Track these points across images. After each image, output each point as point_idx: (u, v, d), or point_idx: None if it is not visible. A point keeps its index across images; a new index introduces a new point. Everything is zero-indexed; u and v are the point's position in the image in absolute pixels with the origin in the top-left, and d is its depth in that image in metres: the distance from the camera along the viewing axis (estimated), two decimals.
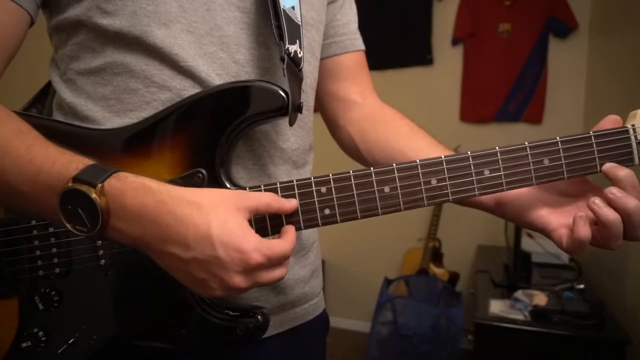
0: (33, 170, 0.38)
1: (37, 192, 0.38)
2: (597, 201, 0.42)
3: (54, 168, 0.38)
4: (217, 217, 0.37)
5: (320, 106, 0.66)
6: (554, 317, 1.35)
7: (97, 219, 0.37)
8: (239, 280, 0.37)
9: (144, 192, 0.37)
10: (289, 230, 0.42)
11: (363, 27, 0.67)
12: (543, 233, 0.47)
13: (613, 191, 0.42)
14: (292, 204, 0.42)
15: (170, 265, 0.38)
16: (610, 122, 0.46)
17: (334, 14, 0.62)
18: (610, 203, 0.42)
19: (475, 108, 2.23)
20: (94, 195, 0.36)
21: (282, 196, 0.43)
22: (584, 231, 0.42)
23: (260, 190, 0.43)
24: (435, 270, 2.14)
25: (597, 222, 0.43)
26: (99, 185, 0.37)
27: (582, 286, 1.51)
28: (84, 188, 0.36)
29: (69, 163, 0.38)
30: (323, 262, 2.50)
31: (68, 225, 0.38)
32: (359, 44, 0.65)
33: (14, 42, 0.45)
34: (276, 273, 0.39)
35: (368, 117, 0.62)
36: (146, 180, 0.38)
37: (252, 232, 0.38)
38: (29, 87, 0.57)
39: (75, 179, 0.37)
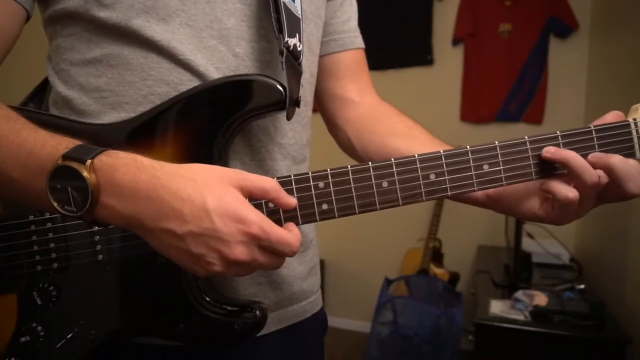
0: (23, 153, 0.38)
1: (27, 175, 0.38)
2: (550, 148, 0.43)
3: (43, 150, 0.37)
4: (212, 191, 0.36)
5: (319, 104, 0.65)
6: (554, 318, 1.35)
7: (86, 197, 0.36)
8: (239, 252, 0.36)
9: (137, 168, 0.36)
10: (292, 226, 0.40)
11: (363, 27, 0.67)
12: (538, 221, 0.48)
13: (595, 154, 0.43)
14: (291, 200, 0.40)
15: (165, 243, 0.37)
16: (612, 117, 0.46)
17: (334, 11, 0.62)
18: (594, 165, 0.43)
19: (476, 108, 2.23)
20: (84, 173, 0.35)
21: None
22: (564, 189, 0.43)
23: None
24: (435, 270, 2.14)
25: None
26: (89, 161, 0.36)
27: (582, 286, 1.50)
28: (74, 164, 0.36)
29: (58, 144, 0.38)
30: (323, 261, 2.50)
31: (56, 206, 0.37)
32: (359, 42, 0.65)
33: (8, 38, 0.44)
34: (273, 259, 0.38)
35: (364, 116, 0.62)
36: (138, 156, 0.37)
37: (251, 206, 0.37)
38: (26, 84, 0.57)
39: (65, 156, 0.36)
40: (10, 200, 0.46)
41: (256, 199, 0.40)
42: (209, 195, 0.36)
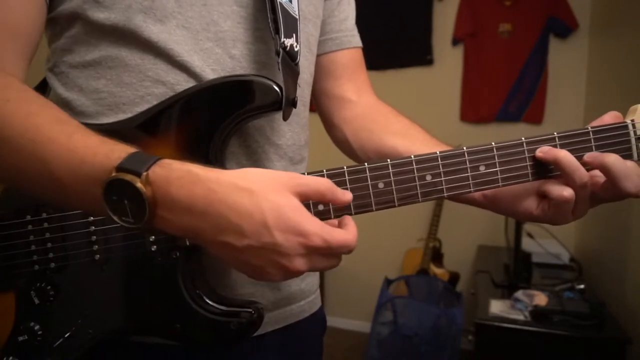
0: (76, 160, 0.37)
1: (80, 183, 0.37)
2: (543, 148, 0.44)
3: (96, 158, 0.36)
4: (270, 203, 0.35)
5: (316, 104, 0.65)
6: (554, 317, 1.35)
7: (143, 210, 0.35)
8: (299, 264, 0.36)
9: (191, 181, 0.36)
10: (350, 222, 0.40)
11: (363, 27, 0.67)
12: (536, 221, 0.48)
13: (590, 153, 0.43)
14: (348, 197, 0.40)
15: (224, 253, 0.37)
16: (610, 117, 0.46)
17: (331, 9, 0.62)
18: (590, 165, 0.43)
19: (476, 108, 2.23)
20: (139, 185, 0.34)
21: None
22: (558, 189, 0.43)
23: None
24: (435, 270, 2.14)
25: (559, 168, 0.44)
26: (144, 174, 0.35)
27: (582, 286, 1.51)
28: (128, 177, 0.35)
29: (111, 152, 0.37)
30: None
31: (114, 217, 0.36)
32: (356, 41, 0.65)
33: (36, 31, 0.45)
34: (332, 262, 0.38)
35: (362, 116, 0.62)
36: (191, 167, 0.36)
37: (310, 214, 0.37)
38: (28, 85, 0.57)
39: (119, 168, 0.35)
40: (55, 204, 0.45)
41: (313, 201, 0.40)
42: (267, 208, 0.35)
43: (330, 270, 0.40)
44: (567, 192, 0.43)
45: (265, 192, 0.35)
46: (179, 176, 0.36)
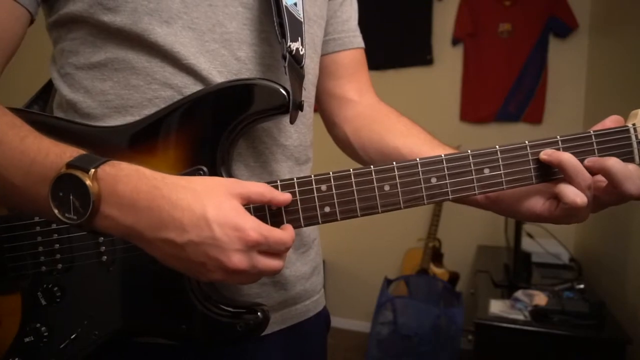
0: (27, 161, 0.38)
1: (30, 182, 0.38)
2: (547, 150, 0.44)
3: (47, 158, 0.38)
4: (211, 201, 0.37)
5: (318, 103, 0.65)
6: (554, 317, 1.35)
7: (87, 205, 0.36)
8: (237, 259, 0.37)
9: (138, 178, 0.37)
10: (288, 226, 0.42)
11: (363, 27, 0.67)
12: (538, 221, 0.48)
13: (591, 158, 0.44)
14: (285, 196, 0.42)
15: (166, 253, 0.37)
16: (611, 122, 0.46)
17: (334, 10, 0.62)
18: (591, 169, 0.43)
19: (476, 108, 2.24)
20: (87, 181, 0.36)
21: None
22: (571, 192, 0.43)
23: None
24: (435, 270, 2.14)
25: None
26: (92, 170, 0.37)
27: (582, 286, 1.51)
28: (77, 173, 0.36)
29: (62, 152, 0.38)
30: (323, 261, 2.50)
31: (57, 213, 0.37)
32: (358, 41, 0.65)
33: (12, 40, 0.45)
34: (274, 262, 0.39)
35: (363, 115, 0.62)
36: (140, 167, 0.38)
37: (249, 214, 0.38)
38: (30, 87, 0.57)
39: (69, 164, 0.37)
40: (10, 206, 0.46)
41: (255, 203, 0.41)
42: (209, 204, 0.36)
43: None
44: (580, 199, 0.43)
45: (207, 192, 0.37)
46: (127, 174, 0.37)
